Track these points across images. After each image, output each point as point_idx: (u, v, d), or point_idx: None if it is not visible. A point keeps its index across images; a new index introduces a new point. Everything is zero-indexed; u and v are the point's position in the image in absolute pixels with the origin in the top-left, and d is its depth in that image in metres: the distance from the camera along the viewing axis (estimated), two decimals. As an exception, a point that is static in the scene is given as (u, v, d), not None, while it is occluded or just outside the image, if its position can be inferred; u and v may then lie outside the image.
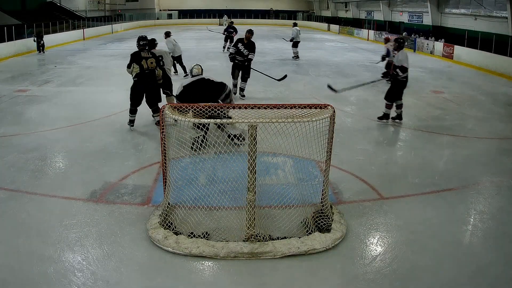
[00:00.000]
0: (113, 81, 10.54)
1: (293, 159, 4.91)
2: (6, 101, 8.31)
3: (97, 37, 24.31)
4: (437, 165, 5.25)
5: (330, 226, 3.54)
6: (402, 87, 6.86)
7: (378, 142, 6.17)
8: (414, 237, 3.59)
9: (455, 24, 18.77)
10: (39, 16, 23.49)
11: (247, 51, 8.20)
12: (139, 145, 5.79)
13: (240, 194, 3.81)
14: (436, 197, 4.36)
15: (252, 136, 3.27)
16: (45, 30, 18.60)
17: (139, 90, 6.15)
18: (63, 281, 2.95)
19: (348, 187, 4.50)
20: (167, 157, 3.75)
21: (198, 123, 3.62)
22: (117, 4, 36.99)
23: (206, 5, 41.09)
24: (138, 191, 4.33)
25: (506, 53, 12.74)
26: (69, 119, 6.92)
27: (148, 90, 6.18)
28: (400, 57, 6.75)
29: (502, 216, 4.00)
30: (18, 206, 3.99)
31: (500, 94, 10.01)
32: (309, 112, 3.50)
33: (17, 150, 5.46)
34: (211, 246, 3.27)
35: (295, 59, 14.77)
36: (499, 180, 4.82)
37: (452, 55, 15.76)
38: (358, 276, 3.08)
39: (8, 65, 13.25)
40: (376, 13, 27.89)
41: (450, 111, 8.02)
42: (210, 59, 14.38)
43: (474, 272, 3.15)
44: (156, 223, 3.57)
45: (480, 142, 6.22)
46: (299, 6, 42.82)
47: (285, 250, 3.26)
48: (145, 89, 6.16)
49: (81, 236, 3.49)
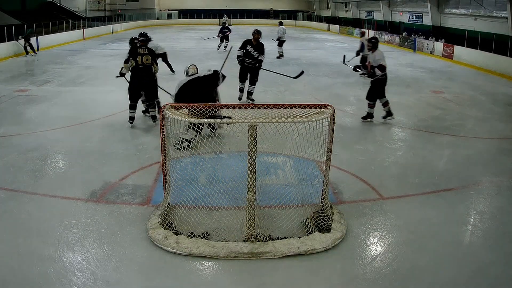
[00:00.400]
0: (113, 81, 10.44)
1: (293, 159, 4.91)
2: (6, 101, 8.31)
3: (97, 37, 24.30)
4: (437, 165, 5.24)
5: (330, 226, 3.55)
6: (382, 86, 6.90)
7: (378, 142, 6.17)
8: (414, 237, 3.59)
9: (455, 24, 18.77)
10: (39, 16, 23.49)
11: (257, 53, 7.89)
12: (139, 145, 5.79)
13: (240, 194, 3.81)
14: (436, 197, 4.36)
15: (252, 136, 3.27)
16: (45, 30, 18.63)
17: (134, 84, 6.28)
18: (63, 281, 2.95)
19: (348, 187, 4.50)
20: (167, 157, 3.75)
21: (194, 124, 3.63)
22: (117, 4, 36.97)
23: (206, 5, 41.08)
24: (138, 191, 4.33)
25: (506, 53, 12.74)
26: (69, 119, 6.92)
27: (143, 86, 6.29)
28: (377, 57, 6.80)
29: (502, 216, 4.00)
30: (18, 206, 3.99)
31: (500, 94, 10.01)
32: (309, 112, 3.50)
33: (17, 150, 5.46)
34: (211, 246, 3.27)
35: (280, 58, 14.81)
36: (499, 180, 4.82)
37: (452, 55, 15.76)
38: (358, 276, 3.09)
39: (8, 65, 13.25)
40: (376, 13, 27.89)
41: (450, 111, 8.02)
42: (210, 59, 14.36)
43: (474, 272, 3.15)
44: (156, 223, 3.57)
45: (480, 142, 6.22)
46: (299, 6, 42.82)
47: (285, 250, 3.26)
48: (140, 85, 6.27)
49: (81, 236, 3.49)
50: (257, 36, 7.93)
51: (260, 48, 7.94)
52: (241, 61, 8.00)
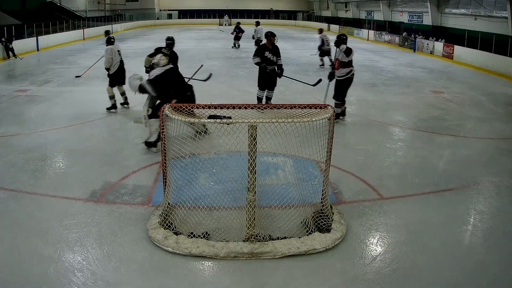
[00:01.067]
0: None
1: (293, 159, 4.91)
2: (6, 101, 8.31)
3: (97, 37, 24.27)
4: (437, 165, 5.24)
5: (330, 226, 3.55)
6: (345, 85, 6.82)
7: (378, 142, 6.16)
8: (414, 237, 3.59)
9: (455, 24, 18.77)
10: (39, 16, 23.49)
11: (275, 57, 7.41)
12: (139, 145, 5.79)
13: (240, 194, 3.81)
14: (436, 197, 4.36)
15: (252, 136, 3.27)
16: (45, 30, 18.62)
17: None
18: (63, 281, 2.95)
19: (348, 187, 4.50)
20: (167, 157, 3.75)
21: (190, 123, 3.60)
22: (117, 4, 36.99)
23: (206, 5, 41.11)
24: (138, 191, 4.33)
25: (506, 53, 12.74)
26: (69, 119, 6.92)
27: None
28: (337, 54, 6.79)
29: (502, 216, 4.00)
30: (18, 206, 3.99)
31: (500, 94, 10.01)
32: (309, 112, 3.50)
33: (17, 150, 5.46)
34: (211, 246, 3.27)
35: None
36: (499, 180, 4.82)
37: (452, 55, 15.76)
38: (358, 276, 3.09)
39: (8, 65, 13.24)
40: (376, 13, 27.89)
41: (450, 111, 8.02)
42: (210, 59, 14.37)
43: (474, 272, 3.15)
44: (156, 223, 3.57)
45: (480, 142, 6.22)
46: (299, 6, 42.82)
47: (285, 250, 3.26)
48: None
49: (81, 236, 3.49)
50: (273, 39, 7.41)
51: (277, 51, 7.45)
52: (264, 69, 7.41)
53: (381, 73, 12.53)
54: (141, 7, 38.73)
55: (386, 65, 14.32)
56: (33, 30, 17.23)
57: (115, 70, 7.43)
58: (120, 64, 7.49)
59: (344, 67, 6.74)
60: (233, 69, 12.06)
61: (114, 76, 7.43)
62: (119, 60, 7.47)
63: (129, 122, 6.57)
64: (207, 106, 3.43)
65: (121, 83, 7.54)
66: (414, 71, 13.24)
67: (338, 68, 6.82)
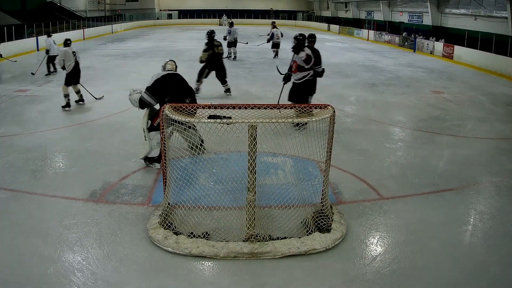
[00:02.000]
0: (112, 81, 10.55)
1: (293, 159, 4.92)
2: (6, 101, 8.31)
3: (97, 37, 24.31)
4: (437, 165, 5.24)
5: (330, 226, 3.55)
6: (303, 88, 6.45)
7: (378, 142, 6.16)
8: (414, 237, 3.59)
9: (455, 24, 18.78)
10: (39, 16, 23.50)
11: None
12: (139, 145, 5.79)
13: (240, 194, 3.81)
14: (436, 197, 4.36)
15: (252, 136, 3.27)
16: (45, 30, 18.61)
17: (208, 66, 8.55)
18: (63, 281, 2.95)
19: (348, 187, 4.50)
20: (167, 157, 3.75)
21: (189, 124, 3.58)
22: (117, 4, 37.00)
23: (206, 5, 41.12)
24: (138, 191, 4.33)
25: (506, 53, 12.75)
26: (69, 119, 6.92)
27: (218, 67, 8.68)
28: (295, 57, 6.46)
29: (502, 216, 4.00)
30: (18, 206, 3.99)
31: (500, 94, 10.01)
32: (309, 112, 3.50)
33: (17, 150, 5.46)
34: (211, 246, 3.27)
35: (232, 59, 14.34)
36: (499, 180, 4.82)
37: (452, 55, 15.77)
38: (358, 276, 3.09)
39: (8, 65, 13.24)
40: (376, 13, 27.90)
41: (450, 111, 8.02)
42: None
43: (474, 272, 3.15)
44: (156, 223, 3.57)
45: (480, 142, 6.22)
46: (299, 6, 42.84)
47: (285, 250, 3.26)
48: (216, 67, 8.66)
49: (81, 236, 3.49)
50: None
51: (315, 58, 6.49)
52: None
53: (381, 73, 12.53)
54: (141, 7, 38.74)
55: (386, 65, 14.32)
56: (33, 30, 17.22)
57: (70, 70, 7.79)
58: (75, 65, 7.87)
59: (302, 71, 6.37)
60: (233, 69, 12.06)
61: (69, 76, 7.79)
62: (73, 61, 7.84)
63: (129, 122, 6.56)
64: (207, 106, 3.43)
65: (75, 83, 7.97)
66: (414, 71, 13.25)
67: (296, 72, 6.46)
